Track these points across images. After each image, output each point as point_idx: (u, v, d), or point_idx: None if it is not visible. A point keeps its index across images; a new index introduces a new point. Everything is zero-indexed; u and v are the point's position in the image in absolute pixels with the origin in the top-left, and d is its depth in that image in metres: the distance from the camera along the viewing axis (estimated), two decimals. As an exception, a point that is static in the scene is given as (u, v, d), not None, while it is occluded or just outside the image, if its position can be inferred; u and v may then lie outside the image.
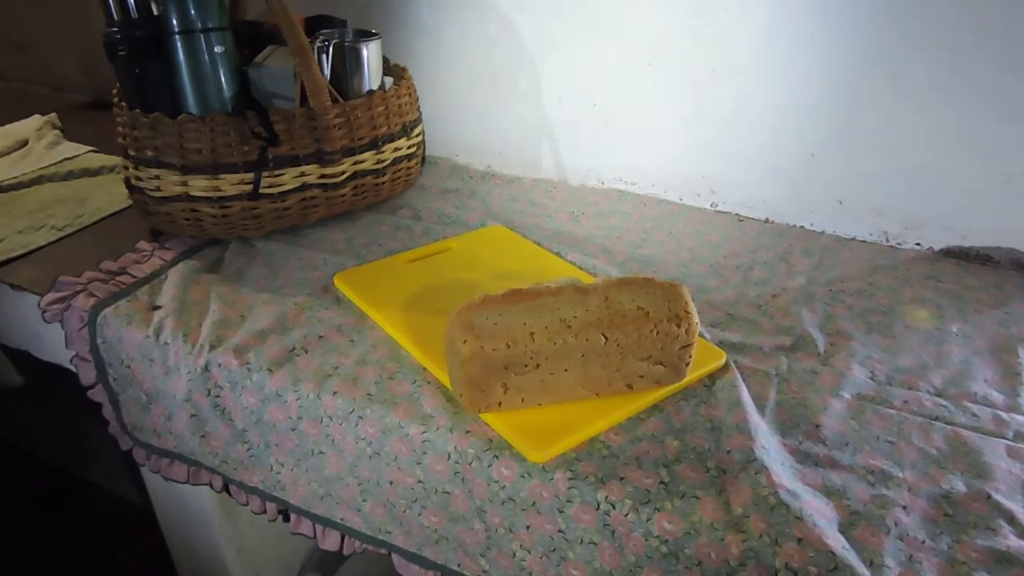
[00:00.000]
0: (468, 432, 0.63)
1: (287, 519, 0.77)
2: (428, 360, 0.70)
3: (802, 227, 1.00)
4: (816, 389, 0.68)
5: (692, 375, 0.67)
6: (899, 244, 0.95)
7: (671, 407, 0.65)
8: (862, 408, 0.66)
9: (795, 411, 0.65)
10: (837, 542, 0.52)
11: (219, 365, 0.72)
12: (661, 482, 0.57)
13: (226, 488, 0.81)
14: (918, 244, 0.94)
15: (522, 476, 0.59)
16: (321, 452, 0.70)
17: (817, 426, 0.64)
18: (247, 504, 0.79)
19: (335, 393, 0.68)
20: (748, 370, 0.70)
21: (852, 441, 0.62)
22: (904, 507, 0.55)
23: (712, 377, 0.69)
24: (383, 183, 1.02)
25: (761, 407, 0.66)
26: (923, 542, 0.53)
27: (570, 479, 0.58)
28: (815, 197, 0.97)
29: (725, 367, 0.70)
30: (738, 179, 1.02)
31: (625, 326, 0.62)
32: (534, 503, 0.59)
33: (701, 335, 0.74)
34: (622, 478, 0.58)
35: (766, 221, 1.02)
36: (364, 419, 0.66)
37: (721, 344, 0.73)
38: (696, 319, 0.63)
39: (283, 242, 0.94)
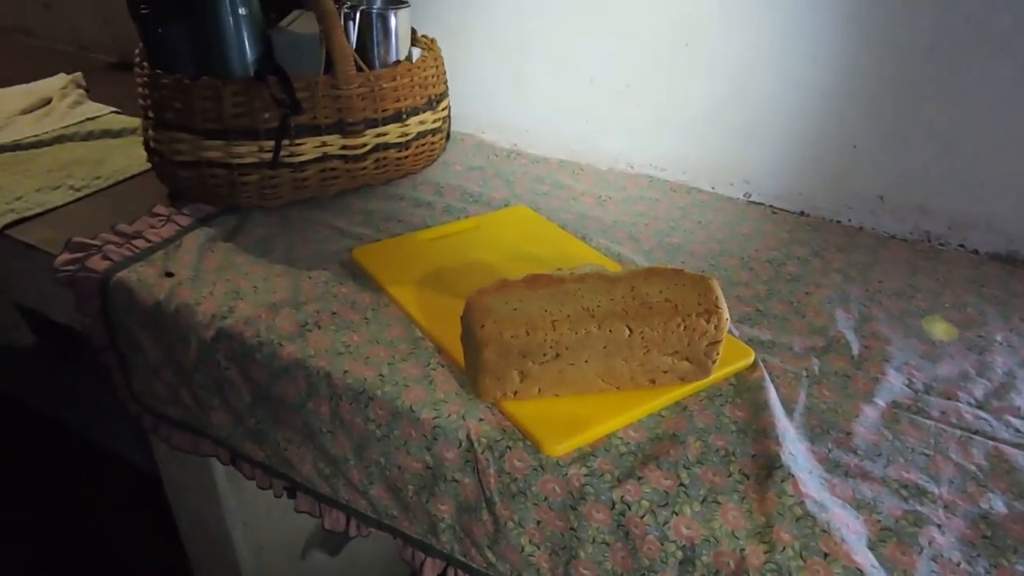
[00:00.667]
0: (481, 420, 0.60)
1: (292, 496, 0.76)
2: (444, 343, 0.68)
3: (839, 222, 0.96)
4: (848, 394, 0.64)
5: (718, 373, 0.64)
6: (942, 245, 0.90)
7: (695, 406, 0.62)
8: (897, 417, 0.62)
9: (826, 416, 0.62)
10: (866, 559, 0.49)
11: (229, 336, 0.70)
12: (681, 484, 0.55)
13: (233, 461, 0.79)
14: (962, 246, 0.89)
15: (535, 469, 0.57)
16: (329, 431, 0.68)
17: (848, 434, 0.60)
18: (253, 478, 0.77)
19: (346, 372, 0.65)
20: (777, 370, 0.67)
21: (885, 452, 0.59)
22: (939, 526, 0.52)
23: (740, 376, 0.66)
24: (406, 157, 0.99)
25: (790, 410, 0.62)
26: (958, 564, 0.50)
27: (585, 475, 0.56)
28: (855, 191, 0.93)
29: (753, 366, 0.67)
30: (774, 169, 0.97)
31: (651, 319, 0.58)
32: (546, 498, 0.57)
33: (729, 332, 0.71)
34: (640, 477, 0.55)
35: (801, 215, 0.97)
36: (374, 400, 0.64)
37: (750, 342, 0.70)
38: (726, 314, 0.60)
39: (302, 213, 0.92)
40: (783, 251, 0.88)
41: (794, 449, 0.58)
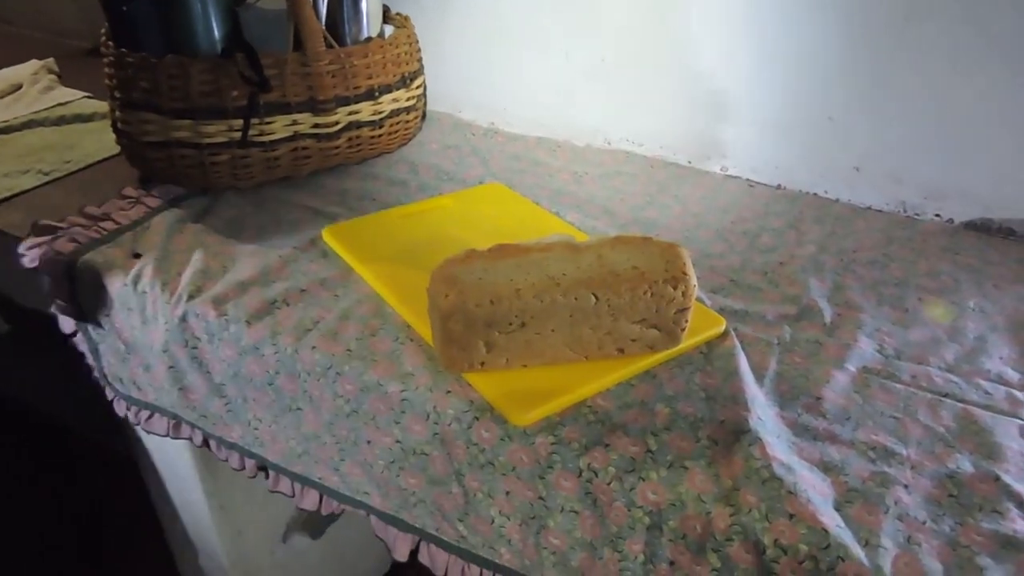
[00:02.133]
0: (449, 392, 0.60)
1: (268, 476, 0.75)
2: (413, 317, 0.67)
3: (815, 194, 0.95)
4: (819, 361, 0.64)
5: (688, 341, 0.64)
6: (917, 215, 0.90)
7: (664, 374, 0.62)
8: (867, 382, 0.62)
9: (796, 382, 0.62)
10: (831, 520, 0.49)
11: (197, 316, 0.70)
12: (648, 451, 0.54)
13: (206, 442, 0.79)
14: (938, 215, 0.89)
15: (502, 439, 0.57)
16: (298, 408, 0.67)
17: (818, 399, 0.60)
18: (226, 460, 0.77)
19: (313, 348, 0.65)
20: (749, 339, 0.67)
21: (854, 416, 0.58)
22: (906, 486, 0.52)
23: (710, 345, 0.65)
24: (380, 136, 0.98)
25: (760, 377, 0.62)
26: (924, 523, 0.50)
27: (552, 444, 0.55)
28: (831, 163, 0.92)
29: (724, 335, 0.66)
30: (750, 142, 0.97)
31: (618, 286, 0.58)
32: (514, 468, 0.57)
33: (700, 300, 0.70)
34: (607, 445, 0.55)
35: (778, 187, 0.97)
36: (342, 376, 0.63)
37: (722, 311, 0.70)
38: (694, 281, 0.59)
39: (275, 193, 0.91)
40: (758, 223, 0.88)
41: (763, 414, 0.57)
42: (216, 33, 0.85)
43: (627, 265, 0.59)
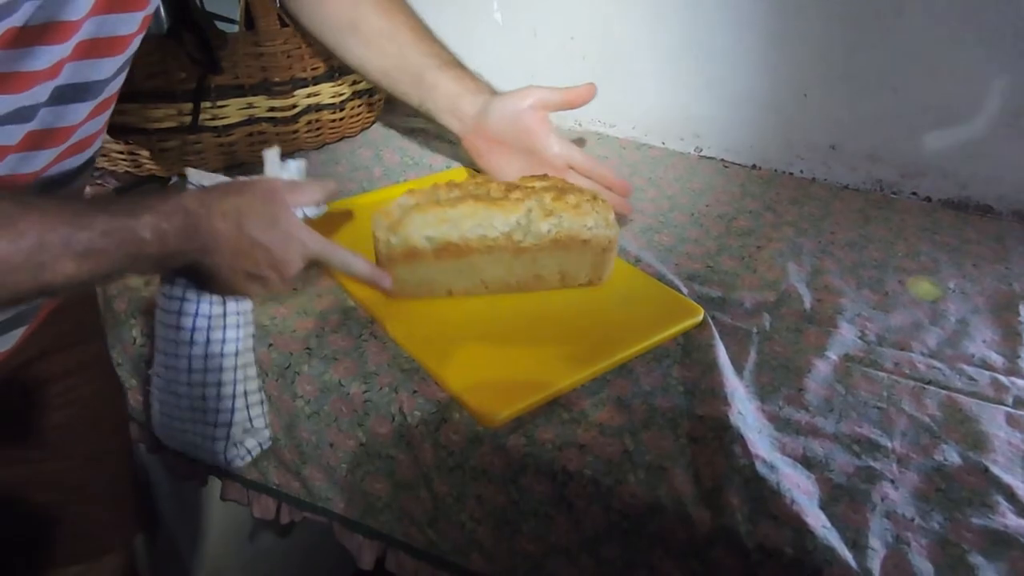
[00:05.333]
0: (415, 392, 0.56)
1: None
2: (377, 312, 0.63)
3: (791, 174, 0.93)
4: (800, 349, 0.62)
5: (665, 332, 0.61)
6: (894, 194, 0.88)
7: (641, 367, 0.59)
8: (849, 370, 0.60)
9: (777, 373, 0.59)
10: (817, 520, 0.47)
11: (145, 313, 0.65)
12: (625, 451, 0.52)
13: (156, 446, 0.74)
14: (914, 194, 0.87)
15: (472, 441, 0.53)
16: (257, 410, 0.63)
17: (800, 390, 0.58)
18: (174, 466, 0.72)
19: (271, 346, 0.61)
20: (727, 328, 0.64)
21: (837, 407, 0.56)
22: (892, 481, 0.50)
23: (688, 335, 0.63)
24: (341, 119, 0.93)
25: (740, 368, 0.60)
26: (912, 520, 0.48)
27: (525, 446, 0.52)
28: (806, 142, 0.90)
29: (702, 324, 0.64)
30: (725, 122, 0.94)
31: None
32: (485, 471, 0.54)
33: (676, 288, 0.68)
34: (582, 445, 0.52)
35: (753, 167, 0.95)
36: (301, 375, 0.59)
37: (699, 299, 0.67)
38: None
39: (228, 181, 0.86)
40: (734, 205, 0.85)
41: (743, 408, 0.55)
42: (161, 11, 0.80)
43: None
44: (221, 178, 0.58)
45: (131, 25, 0.53)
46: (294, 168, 0.62)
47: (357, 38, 0.79)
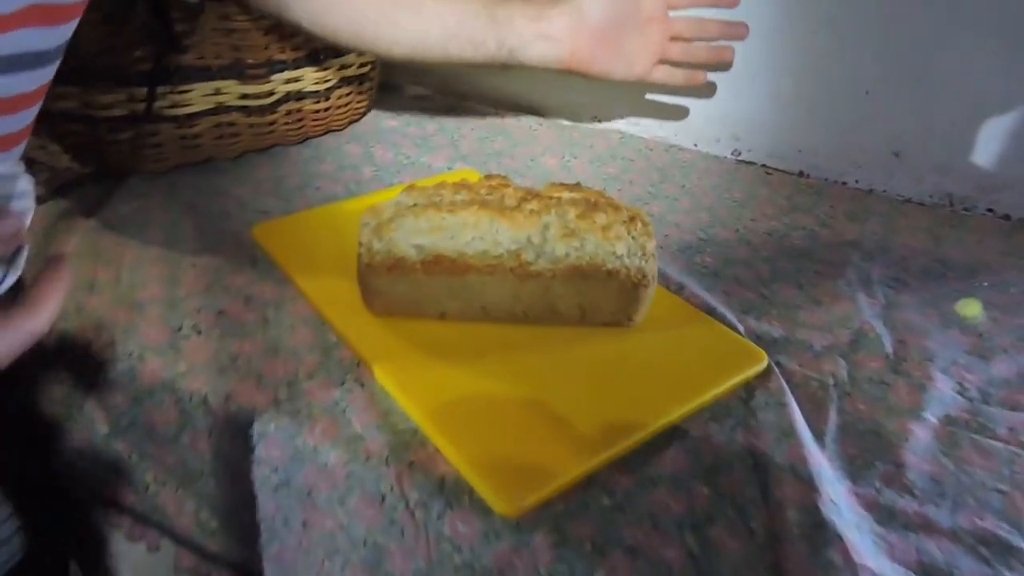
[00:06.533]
0: (412, 465, 0.44)
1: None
2: (365, 351, 0.51)
3: (844, 184, 0.81)
4: (891, 408, 0.50)
5: (724, 384, 0.49)
6: (966, 210, 0.76)
7: (697, 431, 0.47)
8: (955, 438, 0.48)
9: (866, 442, 0.47)
10: (952, 663, 0.35)
11: (73, 346, 0.53)
12: (689, 554, 0.39)
13: (97, 503, 0.62)
14: (990, 210, 0.76)
15: (486, 536, 0.41)
16: (211, 475, 0.51)
17: (899, 466, 0.46)
18: (120, 526, 0.60)
19: (228, 398, 0.48)
20: (796, 377, 0.52)
21: (950, 490, 0.44)
22: (1038, 601, 0.38)
23: (749, 388, 0.51)
24: (326, 110, 0.80)
25: (819, 435, 0.48)
26: (1074, 663, 0.36)
27: (554, 545, 0.40)
28: (865, 147, 0.78)
29: (767, 373, 0.52)
30: (768, 122, 0.82)
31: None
32: (501, 573, 0.41)
33: (731, 325, 0.56)
34: (631, 547, 0.40)
35: (800, 175, 0.83)
36: (267, 437, 0.47)
37: (758, 340, 0.55)
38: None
39: (193, 180, 0.73)
40: (783, 220, 0.73)
41: (834, 494, 0.43)
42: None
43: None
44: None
45: None
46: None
47: (404, 11, 0.66)
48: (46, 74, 0.47)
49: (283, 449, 0.46)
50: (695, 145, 0.87)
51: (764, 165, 0.84)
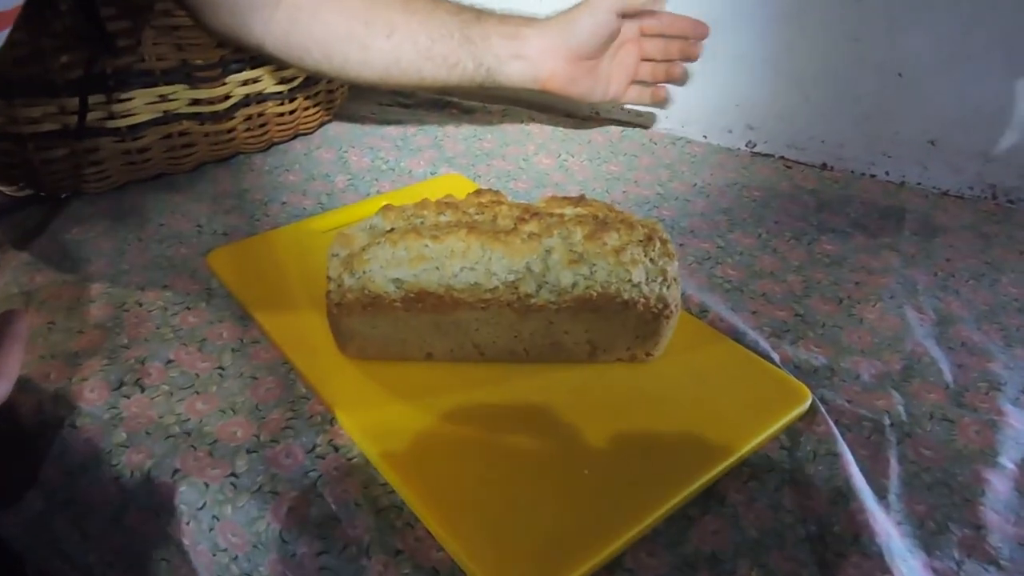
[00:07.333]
0: (399, 554, 0.36)
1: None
2: (340, 401, 0.43)
3: (873, 176, 0.73)
4: (960, 453, 0.42)
5: (762, 432, 0.42)
6: (1011, 203, 0.69)
7: (737, 494, 0.39)
8: (1041, 489, 0.41)
9: (936, 496, 0.40)
10: None
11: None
12: (742, 668, 0.32)
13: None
14: (1038, 202, 0.68)
15: (491, 647, 0.34)
16: (163, 560, 0.43)
17: (979, 528, 0.38)
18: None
19: (177, 472, 0.40)
20: (847, 416, 0.45)
21: (1042, 557, 0.37)
22: None
23: (792, 432, 0.43)
24: (291, 113, 0.72)
25: (881, 490, 0.40)
26: None
27: (577, 659, 0.32)
28: (897, 136, 0.70)
29: (811, 413, 0.44)
30: (785, 109, 0.74)
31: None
32: None
33: (765, 355, 0.48)
34: (671, 660, 0.32)
35: (823, 168, 0.75)
36: (222, 520, 0.39)
37: (797, 371, 0.47)
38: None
39: (143, 198, 0.65)
40: (811, 221, 0.65)
41: (908, 572, 0.35)
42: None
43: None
44: None
45: None
46: None
47: (376, 32, 0.62)
48: None
49: (242, 535, 0.39)
50: (705, 137, 0.79)
51: (783, 157, 0.76)
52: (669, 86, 0.77)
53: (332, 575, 0.37)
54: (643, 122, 0.82)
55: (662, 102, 0.77)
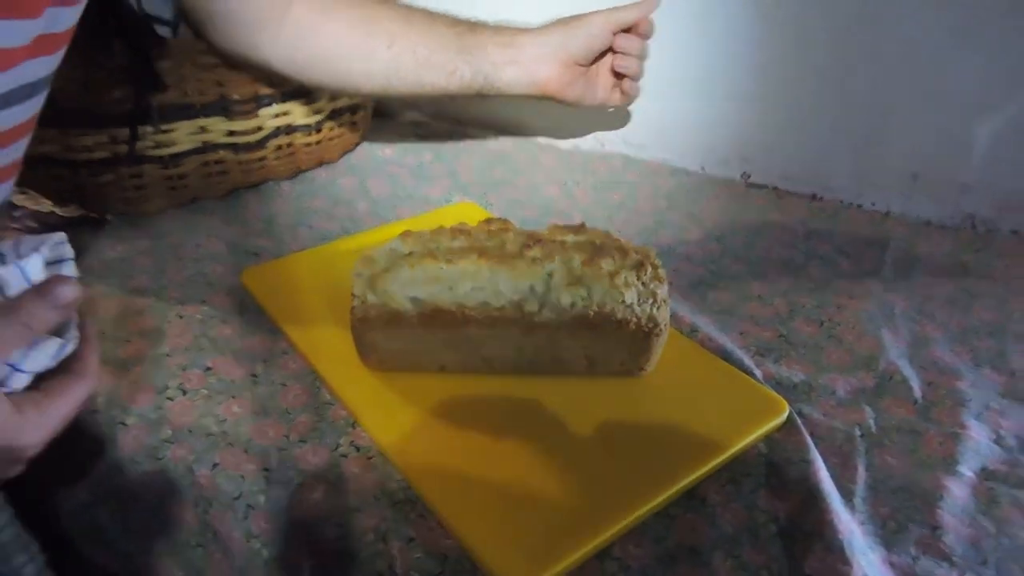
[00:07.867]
0: (412, 541, 0.41)
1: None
2: (361, 409, 0.48)
3: (860, 206, 0.78)
4: (922, 461, 0.47)
5: (742, 440, 0.46)
6: (990, 231, 0.73)
7: (716, 496, 0.44)
8: (994, 495, 0.45)
9: (898, 500, 0.44)
10: None
11: (53, 415, 0.49)
12: (713, 643, 0.36)
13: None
14: (1015, 232, 0.72)
15: (492, 622, 0.38)
16: (200, 546, 0.48)
17: (935, 528, 0.42)
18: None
19: (215, 466, 0.45)
20: (821, 428, 0.49)
21: (991, 555, 0.41)
22: None
23: (771, 442, 0.48)
24: (317, 143, 0.78)
25: (848, 494, 0.44)
26: None
27: (568, 634, 0.37)
28: (882, 168, 0.75)
29: (788, 425, 0.49)
30: (778, 141, 0.79)
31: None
32: (510, 663, 0.38)
33: (749, 372, 0.53)
34: (651, 636, 0.36)
35: (814, 198, 0.79)
36: (256, 509, 0.44)
37: (778, 386, 0.52)
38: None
39: (180, 222, 0.70)
40: (800, 248, 0.70)
41: (868, 565, 0.40)
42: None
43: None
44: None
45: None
46: (33, 268, 0.39)
47: (378, 42, 0.66)
48: (38, 103, 0.47)
49: (273, 523, 0.43)
50: (702, 168, 0.84)
51: (775, 188, 0.81)
52: (671, 122, 0.82)
53: (351, 559, 0.41)
54: (644, 154, 0.87)
55: (636, 95, 0.76)
